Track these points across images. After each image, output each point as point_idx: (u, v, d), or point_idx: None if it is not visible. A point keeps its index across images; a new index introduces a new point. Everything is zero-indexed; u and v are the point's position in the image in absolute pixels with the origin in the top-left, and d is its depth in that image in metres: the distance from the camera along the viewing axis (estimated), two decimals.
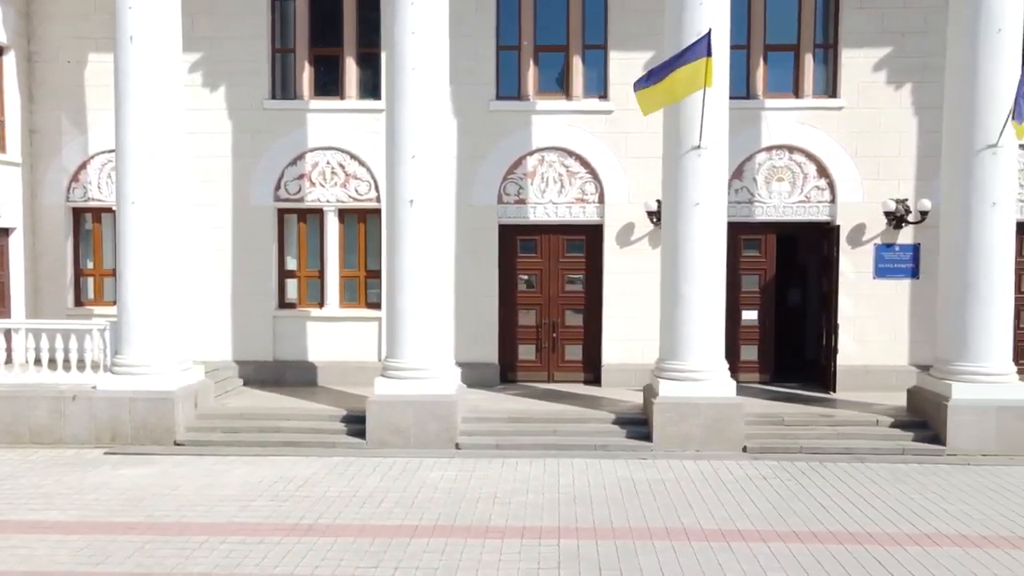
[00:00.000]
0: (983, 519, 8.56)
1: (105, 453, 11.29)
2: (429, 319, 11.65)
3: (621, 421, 11.90)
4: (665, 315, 11.79)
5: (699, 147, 11.29)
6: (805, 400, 13.25)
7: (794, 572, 7.12)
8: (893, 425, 11.78)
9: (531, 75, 14.58)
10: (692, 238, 11.41)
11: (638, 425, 11.72)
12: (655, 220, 13.86)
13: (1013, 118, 10.71)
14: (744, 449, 11.30)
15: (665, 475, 10.19)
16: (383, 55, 13.50)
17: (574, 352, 14.95)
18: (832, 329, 13.98)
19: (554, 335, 14.90)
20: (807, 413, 12.18)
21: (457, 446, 11.47)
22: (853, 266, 14.31)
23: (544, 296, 14.91)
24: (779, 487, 9.69)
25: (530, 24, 14.56)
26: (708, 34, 10.38)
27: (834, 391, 13.82)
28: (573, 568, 7.18)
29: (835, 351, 13.99)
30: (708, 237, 11.42)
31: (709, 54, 10.34)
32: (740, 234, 14.58)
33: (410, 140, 11.48)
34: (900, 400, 12.63)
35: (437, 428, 11.45)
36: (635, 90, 11.19)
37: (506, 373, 14.98)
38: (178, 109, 12.11)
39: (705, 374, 11.45)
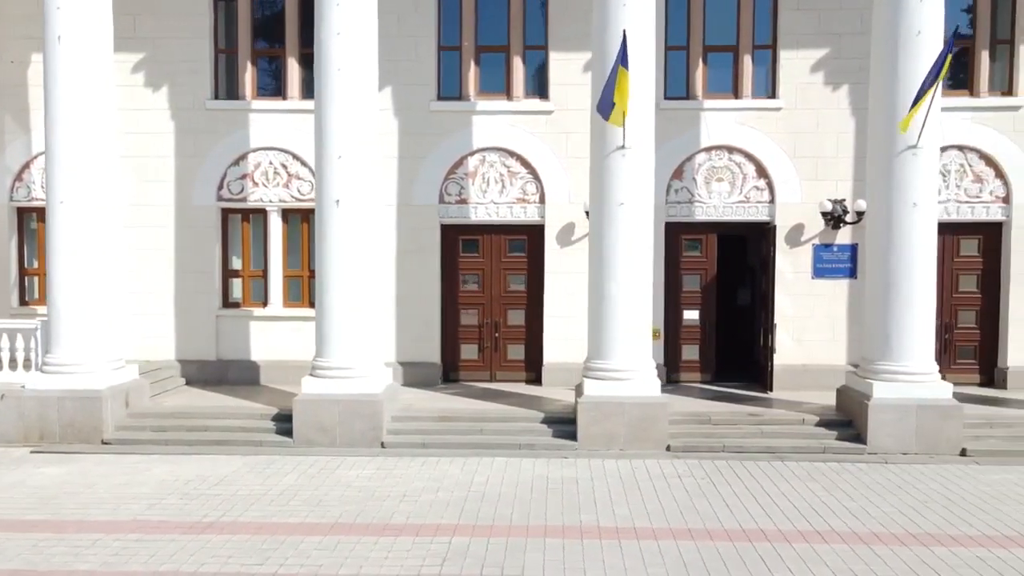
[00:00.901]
0: (881, 516, 8.63)
1: (32, 452, 11.33)
2: (356, 319, 11.70)
3: (549, 420, 11.96)
4: (592, 315, 11.86)
5: (623, 147, 11.35)
6: (740, 399, 13.33)
7: (674, 568, 7.17)
8: (819, 424, 11.86)
9: (472, 76, 14.64)
10: (617, 238, 11.47)
11: (565, 424, 11.77)
12: None
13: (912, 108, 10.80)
14: (668, 448, 11.37)
15: (581, 474, 10.25)
16: None
17: (516, 351, 15.01)
18: (769, 328, 14.06)
19: (496, 335, 14.96)
20: (735, 412, 12.25)
21: (383, 445, 11.53)
22: (792, 266, 14.40)
23: (487, 296, 14.96)
24: (691, 486, 9.75)
25: (471, 25, 14.62)
26: (624, 43, 10.41)
27: (771, 390, 13.91)
28: (456, 564, 7.24)
29: (772, 351, 14.07)
30: (633, 237, 11.47)
31: (624, 64, 10.37)
32: (681, 234, 14.68)
33: (336, 140, 11.53)
34: (833, 399, 12.71)
35: (363, 427, 11.50)
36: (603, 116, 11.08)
37: (449, 373, 15.04)
38: (110, 109, 12.14)
39: (630, 373, 11.51)
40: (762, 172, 14.39)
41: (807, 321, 14.41)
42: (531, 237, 14.75)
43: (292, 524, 8.35)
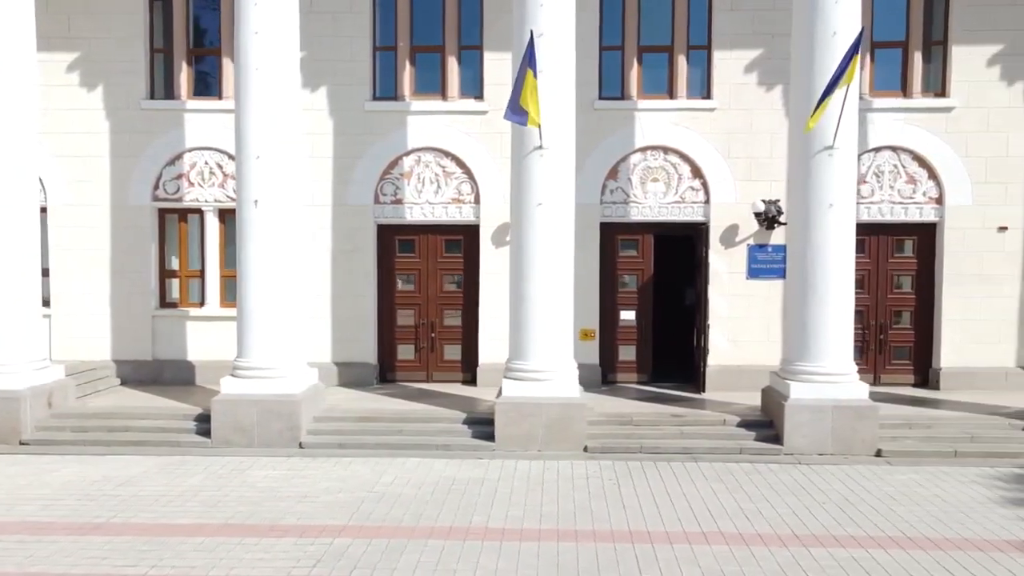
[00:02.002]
0: (773, 517, 8.63)
1: None
2: (276, 319, 11.68)
3: (470, 421, 11.95)
4: (512, 316, 11.85)
5: (541, 147, 11.34)
6: (670, 400, 13.32)
7: (545, 569, 7.16)
8: (740, 425, 11.86)
9: (407, 76, 14.62)
10: (534, 238, 11.47)
11: (485, 425, 11.75)
12: None
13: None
14: (585, 449, 11.36)
15: (490, 475, 10.24)
16: None
17: (453, 352, 15.00)
18: (702, 329, 14.06)
19: (433, 335, 14.95)
20: (659, 413, 12.24)
21: (301, 445, 11.51)
22: (727, 266, 14.40)
23: (423, 296, 14.95)
24: (595, 487, 9.75)
25: (406, 25, 14.61)
26: (531, 45, 10.40)
27: (704, 391, 13.91)
28: (328, 566, 7.23)
29: (704, 351, 14.07)
30: (552, 237, 11.47)
31: (531, 66, 10.36)
32: (617, 234, 14.68)
33: (254, 140, 11.51)
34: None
35: (280, 427, 11.49)
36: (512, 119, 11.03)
37: (385, 373, 15.03)
38: (33, 110, 12.10)
39: (549, 374, 11.50)
40: (697, 173, 14.39)
41: (743, 322, 14.42)
42: (467, 237, 14.73)
43: (181, 525, 8.33)
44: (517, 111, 10.68)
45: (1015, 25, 13.78)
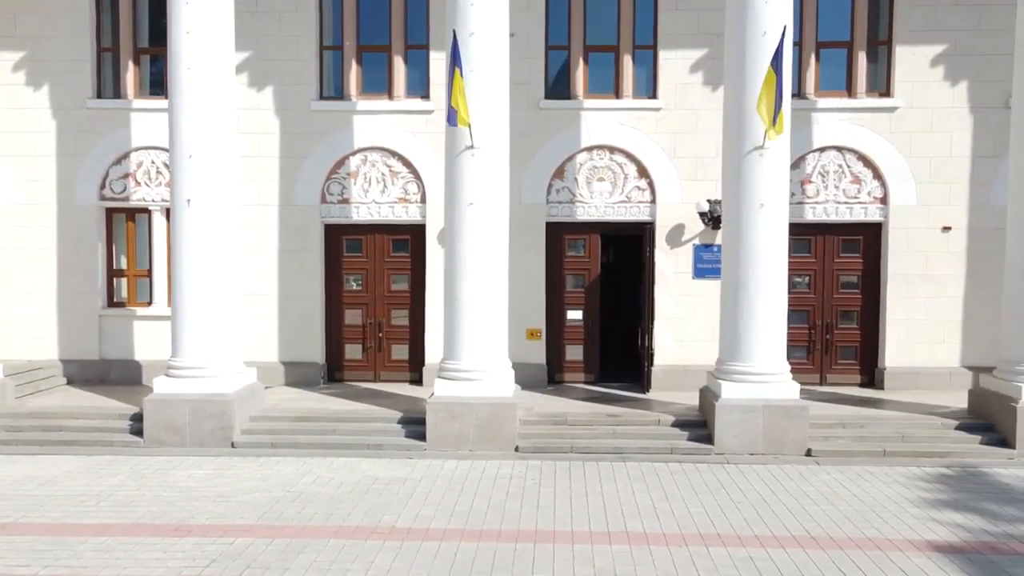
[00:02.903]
0: (685, 517, 8.62)
1: None
2: (210, 319, 11.66)
3: (405, 421, 11.94)
4: (446, 315, 11.86)
5: (472, 147, 11.34)
6: (615, 400, 13.31)
7: (439, 568, 7.15)
8: (674, 424, 11.85)
9: (354, 75, 14.61)
10: (465, 238, 11.47)
11: (419, 425, 11.71)
12: None
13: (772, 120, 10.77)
14: (517, 449, 11.36)
15: (415, 474, 10.23)
16: None
17: (400, 351, 14.99)
18: (646, 329, 14.05)
19: (380, 335, 14.94)
20: (594, 413, 12.24)
21: (233, 445, 11.50)
22: (673, 266, 14.40)
23: (370, 295, 14.94)
24: (515, 487, 9.72)
25: (352, 24, 14.59)
26: (455, 45, 10.41)
27: (646, 390, 13.91)
28: (221, 566, 7.21)
29: (648, 351, 14.07)
30: (483, 237, 11.46)
31: (458, 65, 10.36)
32: (564, 234, 14.68)
33: (187, 139, 11.49)
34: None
35: (212, 427, 11.47)
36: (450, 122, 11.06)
37: (333, 372, 15.02)
38: None
39: (480, 374, 11.49)
40: (643, 172, 14.39)
41: (689, 322, 14.41)
42: (414, 237, 14.72)
43: (87, 525, 8.31)
44: (451, 111, 10.70)
45: (958, 25, 13.79)
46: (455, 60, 10.45)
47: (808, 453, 11.13)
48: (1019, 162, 11.38)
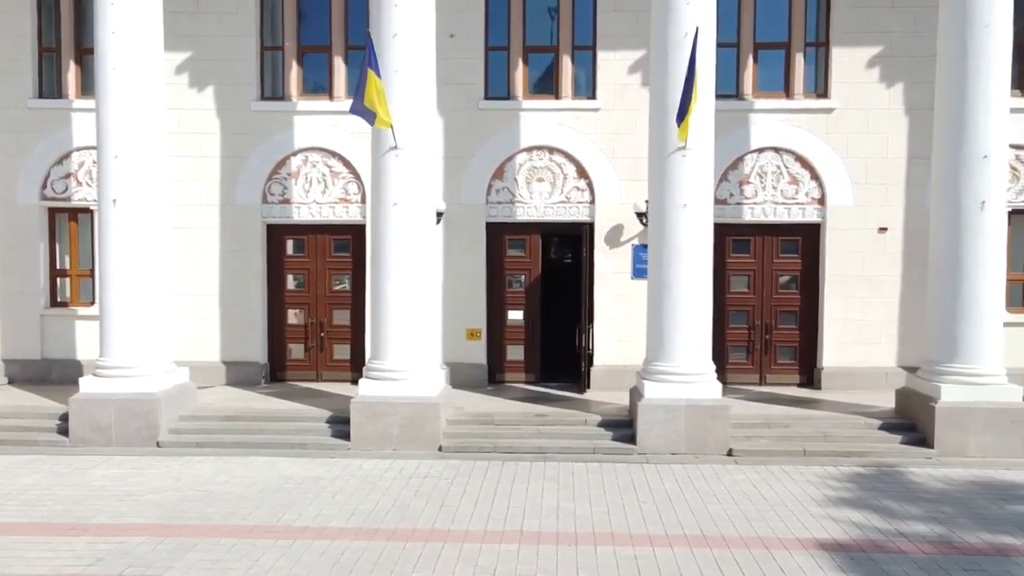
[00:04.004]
0: (585, 516, 8.65)
1: None
2: (137, 319, 11.68)
3: (333, 420, 11.97)
4: (371, 315, 11.92)
5: (395, 147, 11.37)
6: (551, 400, 13.34)
7: (315, 566, 7.19)
8: (601, 424, 11.90)
9: (294, 76, 14.64)
10: (389, 238, 11.50)
11: (346, 424, 11.75)
12: None
13: (677, 121, 10.80)
14: (440, 449, 11.40)
15: (331, 473, 10.26)
16: None
17: (342, 351, 15.03)
18: (584, 329, 14.10)
19: (322, 334, 14.97)
20: (523, 413, 12.27)
21: (158, 444, 11.53)
22: (612, 266, 14.45)
23: (312, 295, 14.98)
24: (427, 487, 9.75)
25: (293, 25, 14.62)
26: (370, 46, 10.45)
27: (584, 390, 13.95)
28: (106, 565, 7.23)
29: (587, 351, 14.11)
30: (408, 237, 11.49)
31: (372, 66, 10.41)
32: (504, 234, 14.72)
33: (113, 139, 11.52)
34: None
35: (138, 426, 11.50)
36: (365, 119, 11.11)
37: (276, 372, 15.05)
38: None
39: (404, 374, 11.53)
40: (582, 173, 14.43)
41: (628, 321, 14.42)
42: (355, 237, 14.75)
43: None
44: (363, 110, 10.73)
45: (894, 27, 13.85)
46: (370, 61, 10.49)
47: (729, 453, 11.18)
48: (941, 163, 11.43)
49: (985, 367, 11.07)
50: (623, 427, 11.79)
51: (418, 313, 11.62)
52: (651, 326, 11.70)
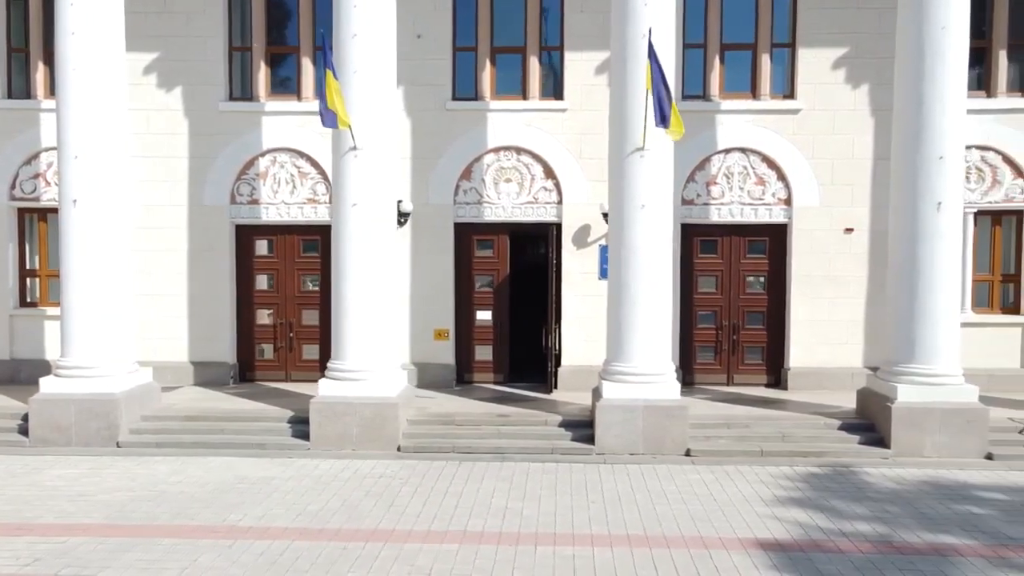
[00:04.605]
0: (531, 517, 8.66)
1: None
2: (98, 318, 11.68)
3: (294, 420, 11.99)
4: (333, 316, 11.90)
5: (354, 148, 11.39)
6: (517, 400, 13.35)
7: (257, 566, 7.22)
8: (561, 425, 11.92)
9: (262, 76, 14.66)
10: (348, 238, 11.53)
11: (307, 424, 11.75)
12: None
13: (656, 124, 10.79)
14: (399, 449, 11.42)
15: (287, 473, 10.27)
16: None
17: (311, 351, 15.04)
18: (550, 329, 14.12)
19: (291, 334, 14.99)
20: (485, 413, 12.29)
21: (118, 444, 11.54)
22: (580, 266, 14.46)
23: (281, 295, 15.00)
24: (380, 487, 9.76)
25: (261, 26, 14.63)
26: (325, 47, 10.50)
27: (551, 391, 13.97)
28: (43, 565, 7.23)
29: (553, 351, 14.13)
30: (366, 237, 11.51)
31: (329, 66, 10.45)
32: (472, 235, 14.74)
33: (73, 140, 11.52)
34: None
35: (98, 426, 11.52)
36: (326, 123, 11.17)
37: (245, 372, 15.07)
38: None
39: (363, 374, 11.55)
40: (550, 173, 14.45)
41: (595, 322, 14.30)
42: (323, 237, 14.66)
43: None
44: (330, 114, 10.77)
45: (859, 28, 13.87)
46: (327, 62, 10.51)
47: (687, 453, 11.20)
48: (899, 165, 11.46)
49: (941, 367, 11.09)
50: (583, 427, 11.81)
51: (378, 314, 11.64)
52: (611, 327, 11.72)
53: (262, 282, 15.00)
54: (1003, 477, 10.20)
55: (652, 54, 10.49)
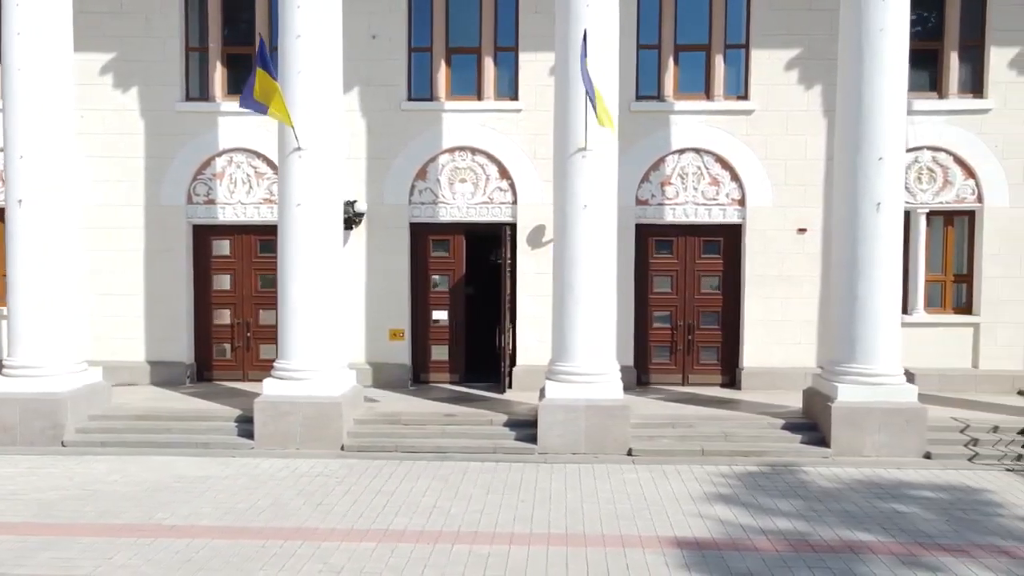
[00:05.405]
0: (457, 515, 8.70)
1: None
2: (45, 318, 11.70)
3: (241, 419, 12.01)
4: (279, 315, 11.95)
5: (299, 148, 11.43)
6: (471, 400, 13.37)
7: (169, 563, 7.25)
8: (506, 424, 11.95)
9: (219, 77, 14.69)
10: (292, 238, 11.58)
11: (253, 423, 11.80)
12: None
13: (593, 109, 10.76)
14: (343, 448, 11.45)
15: (225, 472, 10.31)
16: None
17: (268, 351, 14.93)
18: (504, 329, 14.15)
19: (248, 334, 15.03)
20: (432, 413, 12.32)
21: (63, 444, 11.57)
22: (535, 266, 14.47)
23: (238, 295, 15.03)
24: (314, 486, 9.80)
25: (218, 26, 14.66)
26: (261, 44, 10.54)
27: (504, 391, 14.00)
28: None
29: (507, 351, 14.16)
30: (312, 238, 11.56)
31: (261, 65, 10.50)
32: (428, 235, 14.77)
33: (19, 140, 11.54)
34: None
35: (43, 426, 11.54)
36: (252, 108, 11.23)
37: (202, 372, 15.10)
38: None
39: (308, 373, 11.58)
40: (504, 173, 14.49)
41: (550, 322, 14.44)
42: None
43: None
44: (252, 102, 10.81)
45: (812, 30, 13.91)
46: (259, 60, 10.56)
47: (629, 452, 11.24)
48: (840, 165, 11.51)
49: (881, 367, 11.14)
50: (528, 427, 11.83)
51: (324, 314, 11.67)
52: (555, 327, 11.76)
53: (220, 282, 15.02)
54: (936, 476, 10.25)
55: (584, 54, 10.53)
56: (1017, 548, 7.77)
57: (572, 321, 11.43)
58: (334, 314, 11.83)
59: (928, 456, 10.97)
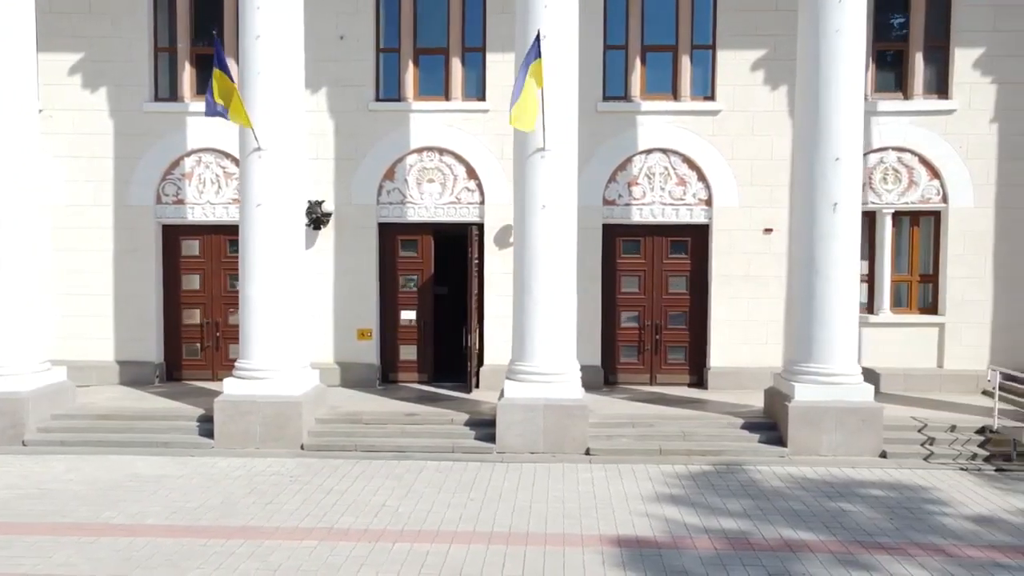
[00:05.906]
0: (401, 513, 8.77)
1: None
2: (6, 318, 11.73)
3: (203, 419, 12.04)
4: (240, 315, 11.99)
5: (259, 149, 11.47)
6: (436, 399, 13.41)
7: (110, 561, 7.29)
8: (466, 424, 11.99)
9: (188, 77, 14.72)
10: (254, 238, 11.62)
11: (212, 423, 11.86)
12: (307, 222, 14.00)
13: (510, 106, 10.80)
14: (303, 447, 11.49)
15: (181, 472, 10.35)
16: None
17: (238, 351, 14.80)
18: (471, 329, 14.18)
19: (217, 334, 15.05)
20: (393, 412, 12.37)
21: (24, 443, 11.60)
22: (502, 266, 14.44)
23: (208, 295, 15.06)
24: (268, 484, 9.85)
25: (186, 27, 14.70)
26: (217, 45, 10.59)
27: (471, 390, 14.03)
28: None
29: (474, 350, 14.20)
30: (269, 237, 11.61)
31: (219, 66, 10.54)
32: (397, 235, 14.81)
33: None
34: None
35: (3, 425, 11.58)
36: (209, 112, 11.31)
37: (172, 371, 15.12)
38: None
39: (268, 373, 11.63)
40: (472, 174, 14.53)
41: None
42: None
43: None
44: (215, 108, 10.87)
45: (777, 30, 13.92)
46: (216, 61, 10.60)
47: (587, 452, 11.27)
48: (798, 165, 11.56)
49: (838, 367, 11.19)
50: (489, 426, 11.85)
51: (284, 314, 11.71)
52: (515, 327, 11.79)
53: (189, 282, 15.05)
54: (889, 475, 10.30)
55: (534, 53, 10.57)
56: (954, 546, 7.82)
57: (531, 321, 11.47)
58: (295, 314, 11.87)
59: (884, 455, 11.02)
